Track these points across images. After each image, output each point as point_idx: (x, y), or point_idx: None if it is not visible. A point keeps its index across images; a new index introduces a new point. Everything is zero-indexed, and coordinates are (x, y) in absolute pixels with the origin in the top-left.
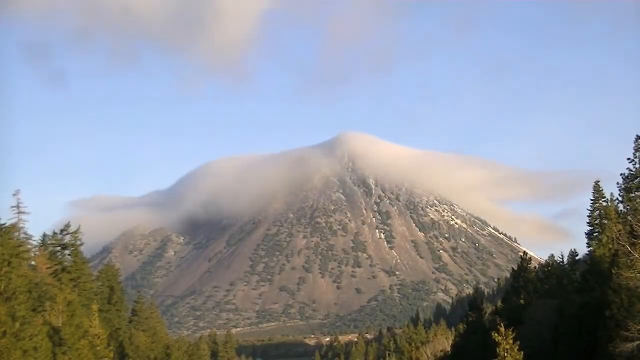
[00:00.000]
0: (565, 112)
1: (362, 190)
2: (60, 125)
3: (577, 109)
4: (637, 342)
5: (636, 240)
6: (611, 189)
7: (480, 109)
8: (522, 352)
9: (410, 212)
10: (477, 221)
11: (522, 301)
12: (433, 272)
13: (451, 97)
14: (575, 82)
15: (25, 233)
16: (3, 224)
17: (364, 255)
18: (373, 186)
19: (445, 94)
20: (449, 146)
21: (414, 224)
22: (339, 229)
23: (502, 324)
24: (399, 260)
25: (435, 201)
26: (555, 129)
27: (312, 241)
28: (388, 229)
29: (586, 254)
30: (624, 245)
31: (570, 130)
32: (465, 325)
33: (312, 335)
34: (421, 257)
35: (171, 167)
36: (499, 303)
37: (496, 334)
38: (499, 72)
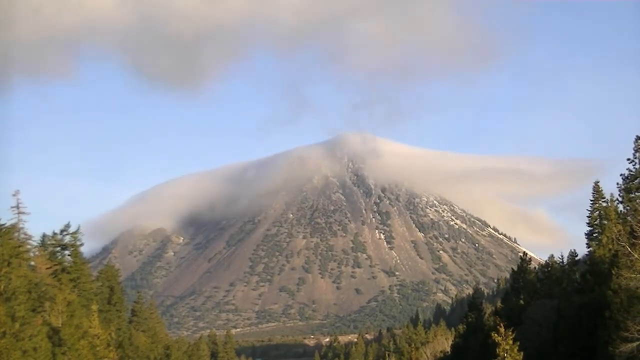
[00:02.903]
0: (566, 110)
1: (361, 190)
2: (59, 123)
3: (578, 108)
4: (637, 343)
5: (636, 241)
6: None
7: (480, 106)
8: (521, 353)
9: (410, 213)
10: (477, 221)
11: (522, 302)
12: (433, 273)
13: (451, 94)
14: (574, 82)
15: (25, 233)
16: (3, 224)
17: (364, 255)
18: (373, 186)
19: (445, 92)
20: (448, 145)
21: (413, 225)
22: (338, 229)
23: (502, 325)
24: (398, 261)
25: (435, 201)
26: (557, 127)
27: (311, 242)
28: (388, 229)
29: (586, 255)
30: (623, 246)
31: (571, 129)
32: (465, 326)
33: (312, 336)
34: (421, 258)
35: (171, 167)
36: (499, 303)
37: (496, 335)
38: (495, 69)
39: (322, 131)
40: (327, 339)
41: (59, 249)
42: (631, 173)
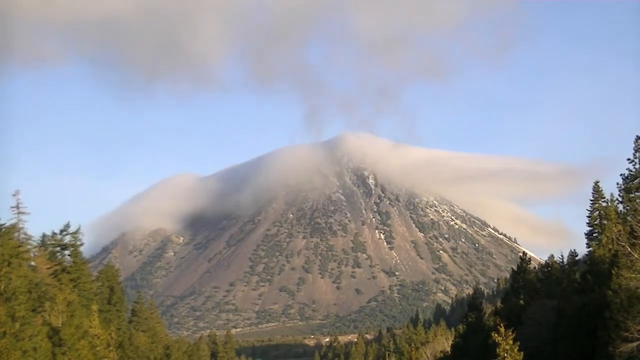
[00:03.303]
0: (567, 110)
1: (361, 190)
2: (57, 122)
3: (578, 108)
4: (637, 343)
5: (636, 241)
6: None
7: (481, 106)
8: (522, 353)
9: (410, 213)
10: (477, 221)
11: (521, 302)
12: (433, 273)
13: (451, 94)
14: (575, 82)
15: (25, 233)
16: (3, 224)
17: (364, 255)
18: (373, 186)
19: (445, 92)
20: (448, 145)
21: (413, 225)
22: (338, 229)
23: (502, 325)
24: (398, 261)
25: (435, 201)
26: (557, 127)
27: (311, 242)
28: (388, 229)
29: (586, 255)
30: (623, 246)
31: (571, 129)
32: (465, 326)
33: (312, 336)
34: (421, 258)
35: (172, 166)
36: (499, 303)
37: (496, 335)
38: (497, 69)
39: (322, 131)
40: (327, 339)
41: (59, 249)
42: (631, 173)
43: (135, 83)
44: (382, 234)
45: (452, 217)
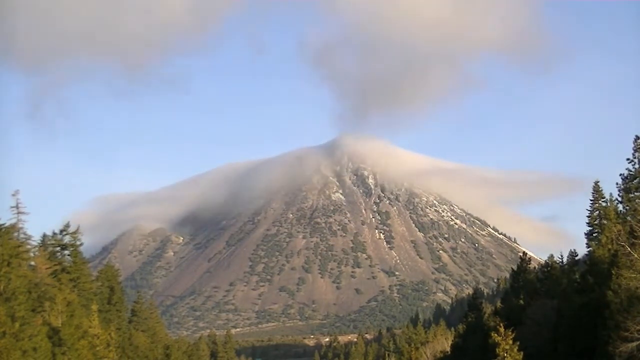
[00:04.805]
0: (563, 114)
1: (361, 190)
2: (58, 122)
3: (576, 111)
4: (637, 343)
5: (636, 241)
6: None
7: (478, 111)
8: (521, 353)
9: (410, 213)
10: (477, 221)
11: (521, 301)
12: (433, 273)
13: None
14: (574, 84)
15: (24, 233)
16: (3, 224)
17: (364, 255)
18: (372, 186)
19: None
20: (448, 152)
21: (413, 224)
22: (338, 229)
23: (501, 325)
24: (398, 261)
25: (435, 201)
26: (554, 132)
27: (311, 241)
28: (388, 229)
29: (586, 255)
30: (623, 246)
31: (569, 133)
32: (464, 326)
33: (312, 336)
34: (421, 258)
35: (171, 167)
36: (499, 303)
37: (496, 335)
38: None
39: (322, 132)
40: (327, 339)
41: (58, 249)
42: (631, 173)
43: (137, 83)
44: (381, 234)
45: (452, 217)
